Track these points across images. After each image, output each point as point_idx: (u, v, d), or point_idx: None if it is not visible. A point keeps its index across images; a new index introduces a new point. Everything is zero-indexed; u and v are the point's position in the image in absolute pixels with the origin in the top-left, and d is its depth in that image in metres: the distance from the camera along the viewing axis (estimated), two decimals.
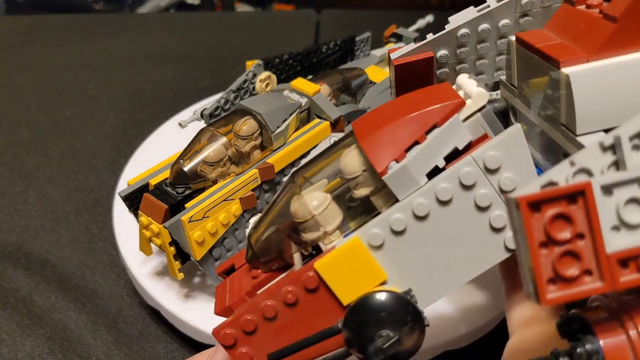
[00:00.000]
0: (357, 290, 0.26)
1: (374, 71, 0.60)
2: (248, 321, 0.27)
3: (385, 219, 0.26)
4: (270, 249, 0.30)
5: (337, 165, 0.29)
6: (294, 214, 0.28)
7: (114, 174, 0.65)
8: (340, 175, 0.29)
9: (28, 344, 0.48)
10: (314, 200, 0.28)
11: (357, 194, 0.28)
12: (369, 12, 1.14)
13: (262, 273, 0.31)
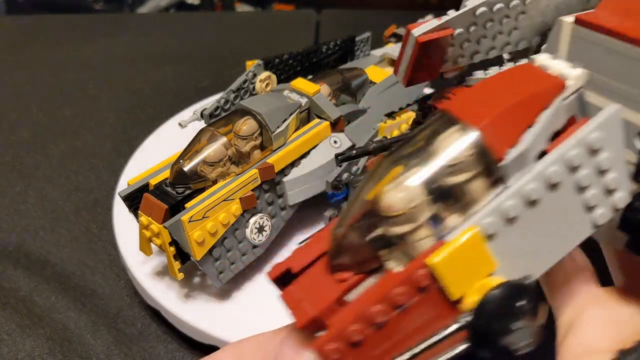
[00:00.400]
0: (468, 283, 0.25)
1: (374, 71, 0.60)
2: (355, 332, 0.24)
3: (497, 207, 0.25)
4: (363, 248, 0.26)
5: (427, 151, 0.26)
6: (389, 207, 0.25)
7: (114, 174, 0.65)
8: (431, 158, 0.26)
9: (28, 344, 0.48)
10: (410, 190, 0.26)
11: (452, 180, 0.26)
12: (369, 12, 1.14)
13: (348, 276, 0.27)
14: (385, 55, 0.63)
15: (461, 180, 0.26)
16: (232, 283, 0.48)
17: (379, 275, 0.27)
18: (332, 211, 0.49)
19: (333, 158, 0.50)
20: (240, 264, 0.47)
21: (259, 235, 0.47)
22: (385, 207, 0.25)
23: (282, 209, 0.49)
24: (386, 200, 0.25)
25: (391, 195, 0.25)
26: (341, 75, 0.56)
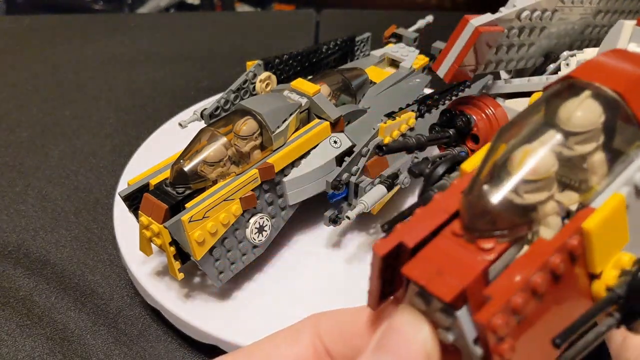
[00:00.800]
0: (608, 256, 0.24)
1: (374, 71, 0.60)
2: (520, 304, 0.22)
3: (630, 178, 0.24)
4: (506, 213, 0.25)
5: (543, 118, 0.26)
6: (533, 171, 0.24)
7: (114, 174, 0.65)
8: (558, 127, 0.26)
9: (28, 344, 0.48)
10: (549, 157, 0.25)
11: (578, 150, 0.25)
12: (369, 12, 1.14)
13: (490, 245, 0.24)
14: (385, 55, 0.63)
15: (588, 150, 0.25)
16: (232, 283, 0.48)
17: (520, 245, 0.25)
18: (332, 211, 0.49)
19: (333, 158, 0.50)
20: (240, 263, 0.47)
21: (259, 235, 0.47)
22: (528, 169, 0.24)
23: (282, 209, 0.49)
24: (531, 162, 0.25)
25: (536, 156, 0.25)
26: (341, 75, 0.56)
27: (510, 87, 0.44)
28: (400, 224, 0.26)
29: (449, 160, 0.33)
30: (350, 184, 0.49)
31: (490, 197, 0.24)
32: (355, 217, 0.46)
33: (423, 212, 0.26)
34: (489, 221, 0.24)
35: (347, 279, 0.50)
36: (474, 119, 0.43)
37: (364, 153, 0.49)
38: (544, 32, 0.43)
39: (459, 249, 0.24)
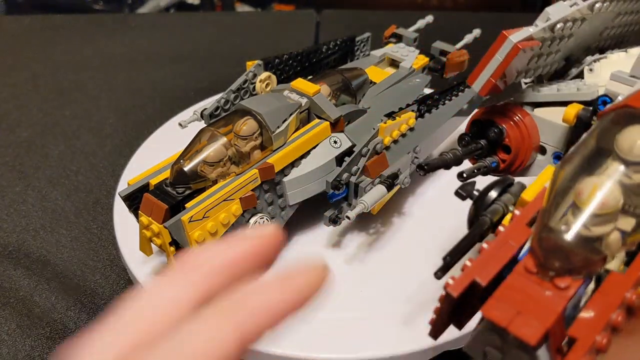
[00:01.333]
0: None
1: (374, 71, 0.60)
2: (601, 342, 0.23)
3: None
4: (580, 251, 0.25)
5: None
6: (602, 205, 0.25)
7: (114, 174, 0.65)
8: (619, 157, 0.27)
9: (28, 344, 0.48)
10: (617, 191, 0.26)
11: (636, 179, 0.26)
12: (369, 12, 1.14)
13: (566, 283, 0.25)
14: (385, 55, 0.63)
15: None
16: None
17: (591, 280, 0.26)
18: (332, 211, 0.49)
19: (333, 158, 0.50)
20: None
21: None
22: (599, 204, 0.25)
23: (282, 209, 0.49)
24: (600, 197, 0.25)
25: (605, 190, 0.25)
26: (341, 75, 0.56)
27: (539, 96, 0.44)
28: (471, 261, 0.27)
29: (500, 185, 0.33)
30: (350, 184, 0.49)
31: (564, 233, 0.25)
32: (355, 217, 0.46)
33: (491, 247, 0.27)
34: (564, 259, 0.25)
35: (347, 279, 0.50)
36: (505, 129, 0.43)
37: (364, 153, 0.49)
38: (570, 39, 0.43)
39: (536, 288, 0.24)
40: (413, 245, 0.52)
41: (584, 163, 0.27)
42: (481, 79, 0.40)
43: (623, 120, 0.28)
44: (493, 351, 0.25)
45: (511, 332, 0.23)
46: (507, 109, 0.44)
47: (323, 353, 0.43)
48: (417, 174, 0.48)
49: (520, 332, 0.23)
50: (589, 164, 0.27)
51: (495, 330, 0.24)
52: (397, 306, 0.47)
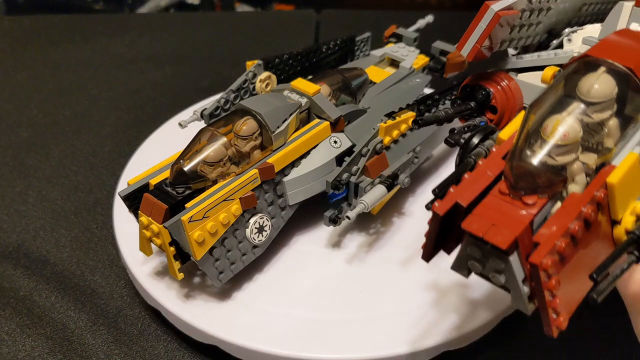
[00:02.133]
0: (627, 205, 0.30)
1: (374, 71, 0.60)
2: (562, 247, 0.27)
3: None
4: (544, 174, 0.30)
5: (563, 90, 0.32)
6: (564, 136, 0.30)
7: (114, 174, 0.65)
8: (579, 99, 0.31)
9: (28, 344, 0.48)
10: (576, 125, 0.30)
11: (596, 117, 0.31)
12: (369, 12, 1.14)
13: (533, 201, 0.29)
14: (385, 55, 0.63)
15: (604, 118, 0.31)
16: (232, 283, 0.48)
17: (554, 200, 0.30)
18: (332, 211, 0.49)
19: (333, 158, 0.50)
20: (240, 264, 0.47)
21: (259, 235, 0.47)
22: (561, 135, 0.30)
23: (282, 209, 0.49)
24: (562, 131, 0.30)
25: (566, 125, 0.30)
26: (341, 75, 0.56)
27: (522, 62, 0.50)
28: (453, 188, 0.31)
29: (482, 131, 0.39)
30: (350, 184, 0.49)
31: (531, 160, 0.30)
32: (355, 217, 0.46)
33: (471, 177, 0.31)
34: (530, 180, 0.29)
35: (347, 279, 0.50)
36: (492, 92, 0.48)
37: (364, 153, 0.49)
38: (549, 11, 0.48)
39: (508, 205, 0.29)
40: (413, 245, 0.52)
41: (550, 105, 0.31)
42: (468, 45, 0.45)
43: (584, 68, 0.32)
44: (475, 264, 0.30)
45: (486, 239, 0.28)
46: (494, 74, 0.49)
47: (323, 353, 0.43)
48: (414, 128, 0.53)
49: (494, 240, 0.27)
50: (554, 106, 0.31)
51: (475, 242, 0.29)
52: (397, 306, 0.47)
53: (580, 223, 0.28)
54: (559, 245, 0.27)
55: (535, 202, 0.29)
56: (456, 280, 0.49)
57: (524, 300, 0.29)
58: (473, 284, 0.48)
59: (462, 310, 0.46)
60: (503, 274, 0.29)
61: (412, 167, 0.54)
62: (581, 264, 0.29)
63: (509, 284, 0.29)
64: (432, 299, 0.47)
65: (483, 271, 0.30)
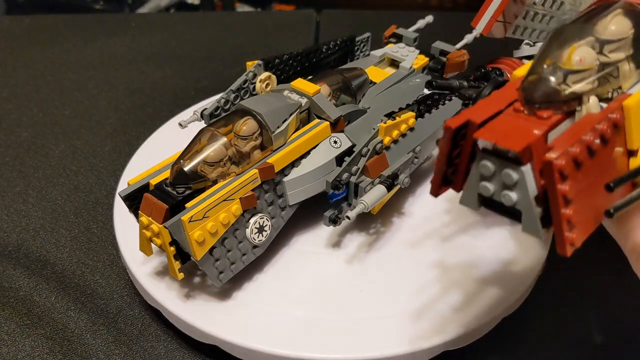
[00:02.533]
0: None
1: (374, 71, 0.60)
2: (577, 153, 0.26)
3: None
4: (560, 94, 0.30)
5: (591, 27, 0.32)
6: (580, 61, 0.30)
7: (114, 174, 0.65)
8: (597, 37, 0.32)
9: (28, 344, 0.48)
10: (592, 52, 0.31)
11: (612, 57, 0.32)
12: (369, 12, 1.14)
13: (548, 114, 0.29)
14: (385, 55, 0.63)
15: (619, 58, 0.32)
16: (232, 283, 0.48)
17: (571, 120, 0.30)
18: (332, 211, 0.49)
19: (333, 158, 0.50)
20: (241, 264, 0.47)
21: (259, 235, 0.47)
22: (576, 60, 0.30)
23: (282, 209, 0.49)
24: (578, 56, 0.30)
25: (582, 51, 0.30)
26: (341, 75, 0.56)
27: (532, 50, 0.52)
28: (466, 109, 0.30)
29: (493, 82, 0.38)
30: (350, 184, 0.49)
31: (546, 76, 0.30)
32: (355, 217, 0.46)
33: (485, 101, 0.31)
34: (545, 94, 0.29)
35: (347, 279, 0.50)
36: (505, 72, 0.50)
37: (364, 153, 0.49)
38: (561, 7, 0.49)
39: (522, 120, 0.29)
40: (413, 245, 0.52)
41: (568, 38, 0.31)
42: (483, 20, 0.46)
43: (600, 10, 0.33)
44: (485, 185, 0.28)
45: (499, 144, 0.27)
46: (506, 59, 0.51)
47: (323, 353, 0.43)
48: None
49: (507, 144, 0.26)
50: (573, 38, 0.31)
51: (485, 156, 0.28)
52: (397, 306, 0.47)
53: (596, 135, 0.27)
54: (574, 151, 0.26)
55: (550, 116, 0.29)
56: (456, 280, 0.49)
57: (536, 221, 0.27)
58: (472, 286, 0.48)
59: (462, 310, 0.46)
60: (515, 190, 0.27)
61: (412, 167, 0.54)
62: (598, 182, 0.28)
63: (521, 202, 0.27)
64: (432, 299, 0.47)
65: (494, 194, 0.28)
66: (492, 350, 0.48)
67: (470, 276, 0.49)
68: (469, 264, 0.50)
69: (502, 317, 0.47)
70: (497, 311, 0.46)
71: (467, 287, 0.48)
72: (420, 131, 0.54)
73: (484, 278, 0.48)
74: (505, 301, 0.46)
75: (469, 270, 0.49)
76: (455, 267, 0.50)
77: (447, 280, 0.49)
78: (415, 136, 0.54)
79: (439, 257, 0.51)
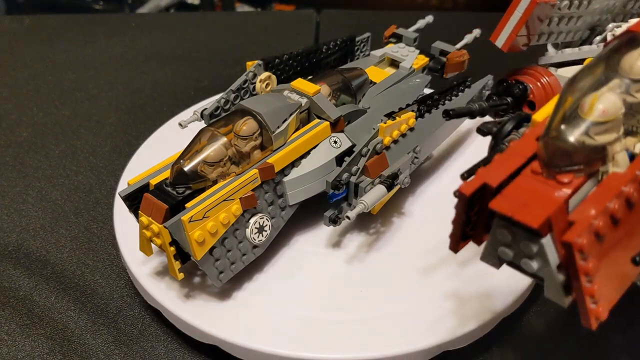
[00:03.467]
0: None
1: (374, 71, 0.60)
2: (599, 226, 0.25)
3: None
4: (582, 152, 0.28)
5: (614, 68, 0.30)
6: (603, 112, 0.28)
7: (114, 174, 0.65)
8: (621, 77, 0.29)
9: (28, 344, 0.48)
10: (617, 100, 0.28)
11: (639, 97, 0.29)
12: (369, 12, 1.14)
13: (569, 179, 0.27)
14: (385, 55, 0.63)
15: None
16: (232, 283, 0.48)
17: (594, 181, 0.28)
18: (332, 211, 0.49)
19: (333, 158, 0.50)
20: (241, 263, 0.47)
21: (259, 235, 0.47)
22: (599, 111, 0.27)
23: (282, 209, 0.49)
24: (602, 105, 0.27)
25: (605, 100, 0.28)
26: (341, 75, 0.56)
27: (561, 56, 0.47)
28: (482, 169, 0.28)
29: (516, 118, 0.36)
30: (350, 184, 0.49)
31: (567, 135, 0.27)
32: (355, 217, 0.46)
33: (502, 157, 0.29)
34: (566, 157, 0.27)
35: (347, 279, 0.50)
36: (529, 86, 0.47)
37: (364, 153, 0.49)
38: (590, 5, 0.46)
39: (540, 185, 0.27)
40: (413, 245, 0.52)
41: (589, 83, 0.29)
42: (503, 35, 0.43)
43: (626, 44, 0.30)
44: (505, 250, 0.27)
45: (516, 219, 0.25)
46: (532, 69, 0.47)
47: (323, 353, 0.43)
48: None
49: (525, 218, 0.25)
50: (593, 84, 0.29)
51: (504, 225, 0.26)
52: (396, 306, 0.47)
53: (622, 202, 0.26)
54: (597, 224, 0.25)
55: (571, 180, 0.27)
56: (456, 280, 0.49)
57: (558, 290, 0.26)
58: (472, 286, 0.48)
59: (462, 310, 0.46)
60: (535, 260, 0.26)
61: (412, 167, 0.54)
62: (624, 249, 0.27)
63: (542, 271, 0.26)
64: (432, 299, 0.47)
65: (514, 259, 0.27)
66: (492, 350, 0.48)
67: (470, 276, 0.49)
68: (469, 264, 0.50)
69: (502, 317, 0.47)
70: (497, 311, 0.46)
71: (467, 287, 0.48)
72: (420, 131, 0.54)
73: (484, 278, 0.48)
74: (505, 301, 0.46)
75: (469, 271, 0.49)
76: (455, 267, 0.50)
77: (447, 281, 0.49)
78: (415, 136, 0.54)
79: (438, 258, 0.51)
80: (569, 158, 0.27)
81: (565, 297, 0.26)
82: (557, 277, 0.26)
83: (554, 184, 0.27)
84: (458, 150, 0.65)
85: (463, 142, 0.66)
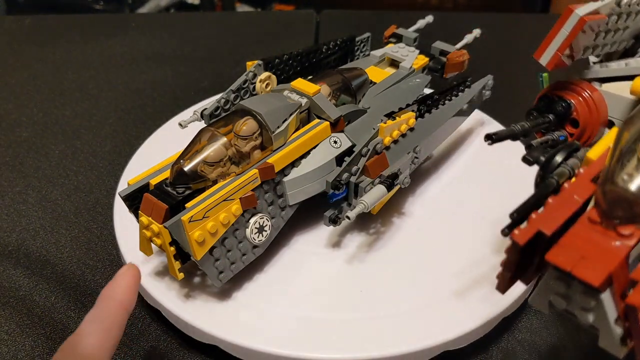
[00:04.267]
0: None
1: (374, 71, 0.60)
2: None
3: None
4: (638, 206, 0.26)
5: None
6: None
7: (114, 174, 0.65)
8: None
9: (28, 343, 0.48)
10: None
11: None
12: (369, 12, 1.14)
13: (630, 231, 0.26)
14: (385, 55, 0.63)
15: None
16: (232, 283, 0.48)
17: None
18: (332, 211, 0.49)
19: (333, 158, 0.50)
20: (241, 263, 0.47)
21: (259, 235, 0.47)
22: None
23: (282, 209, 0.49)
24: None
25: None
26: (341, 75, 0.56)
27: (607, 71, 0.45)
28: (535, 214, 0.27)
29: (566, 149, 0.35)
30: (350, 184, 0.49)
31: (628, 185, 0.26)
32: (355, 217, 0.46)
33: (555, 201, 0.28)
34: (627, 208, 0.26)
35: (347, 279, 0.50)
36: (573, 103, 0.44)
37: (364, 153, 0.49)
38: (638, 15, 0.44)
39: (599, 236, 0.26)
40: (413, 245, 0.52)
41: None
42: (548, 53, 0.41)
43: None
44: (558, 299, 0.26)
45: (575, 275, 0.24)
46: (575, 84, 0.45)
47: (323, 353, 0.43)
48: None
49: (584, 275, 0.24)
50: None
51: (560, 276, 0.25)
52: (397, 306, 0.47)
53: None
54: None
55: (633, 232, 0.25)
56: (456, 280, 0.49)
57: (615, 343, 0.26)
58: (472, 286, 0.48)
59: (462, 310, 0.46)
60: (592, 313, 0.26)
61: (412, 167, 0.54)
62: None
63: (599, 323, 0.26)
64: (431, 299, 0.47)
65: (568, 307, 0.27)
66: (492, 350, 0.48)
67: (470, 276, 0.49)
68: (469, 264, 0.50)
69: (502, 317, 0.47)
70: (497, 311, 0.46)
71: (467, 287, 0.48)
72: (420, 131, 0.54)
73: (484, 278, 0.48)
74: (505, 301, 0.46)
75: (469, 270, 0.49)
76: (455, 267, 0.50)
77: (447, 281, 0.49)
78: (415, 136, 0.54)
79: (438, 258, 0.51)
80: (630, 209, 0.26)
81: (621, 348, 0.26)
82: (615, 330, 0.25)
83: (614, 235, 0.26)
84: (458, 150, 0.65)
85: (463, 142, 0.66)
